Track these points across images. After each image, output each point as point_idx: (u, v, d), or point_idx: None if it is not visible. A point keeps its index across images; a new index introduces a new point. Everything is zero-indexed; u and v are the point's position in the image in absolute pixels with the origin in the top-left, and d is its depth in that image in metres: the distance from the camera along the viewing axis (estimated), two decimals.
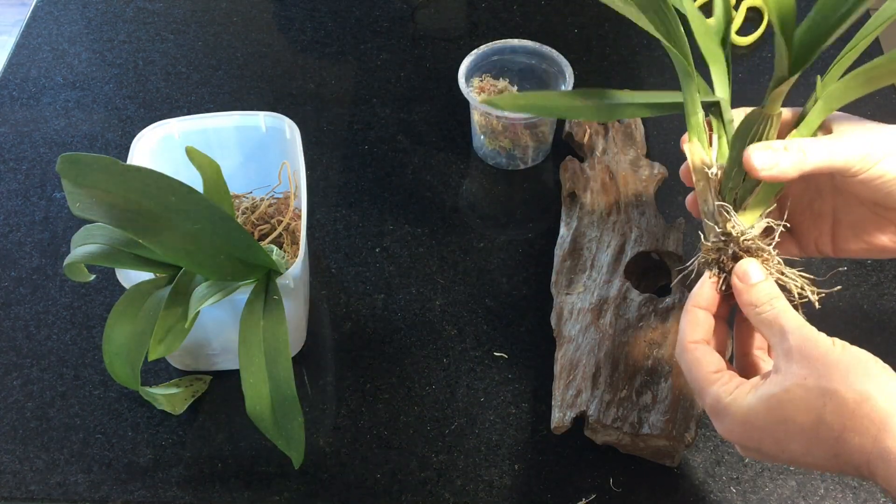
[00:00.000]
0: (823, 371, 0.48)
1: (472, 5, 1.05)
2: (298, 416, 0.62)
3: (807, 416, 0.48)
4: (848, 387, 0.47)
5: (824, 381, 0.48)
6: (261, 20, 1.04)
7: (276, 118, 0.76)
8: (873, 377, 0.48)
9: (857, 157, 0.52)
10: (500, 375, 0.73)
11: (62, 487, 0.67)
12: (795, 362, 0.49)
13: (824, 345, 0.49)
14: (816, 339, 0.49)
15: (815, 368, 0.48)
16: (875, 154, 0.52)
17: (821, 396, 0.48)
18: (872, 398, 0.47)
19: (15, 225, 0.84)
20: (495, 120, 0.84)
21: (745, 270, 0.54)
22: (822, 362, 0.48)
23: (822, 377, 0.48)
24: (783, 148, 0.53)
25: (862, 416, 0.47)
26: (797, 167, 0.52)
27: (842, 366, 0.48)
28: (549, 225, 0.83)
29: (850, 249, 0.59)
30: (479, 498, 0.66)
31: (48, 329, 0.77)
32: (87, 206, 0.59)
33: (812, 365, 0.48)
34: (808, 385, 0.48)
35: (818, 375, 0.48)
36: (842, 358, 0.48)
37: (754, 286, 0.53)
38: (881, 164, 0.52)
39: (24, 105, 0.95)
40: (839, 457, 0.48)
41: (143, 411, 0.71)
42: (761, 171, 0.53)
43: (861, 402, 0.47)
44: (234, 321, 0.64)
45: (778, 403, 0.49)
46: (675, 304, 0.71)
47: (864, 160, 0.52)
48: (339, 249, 0.82)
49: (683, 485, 0.67)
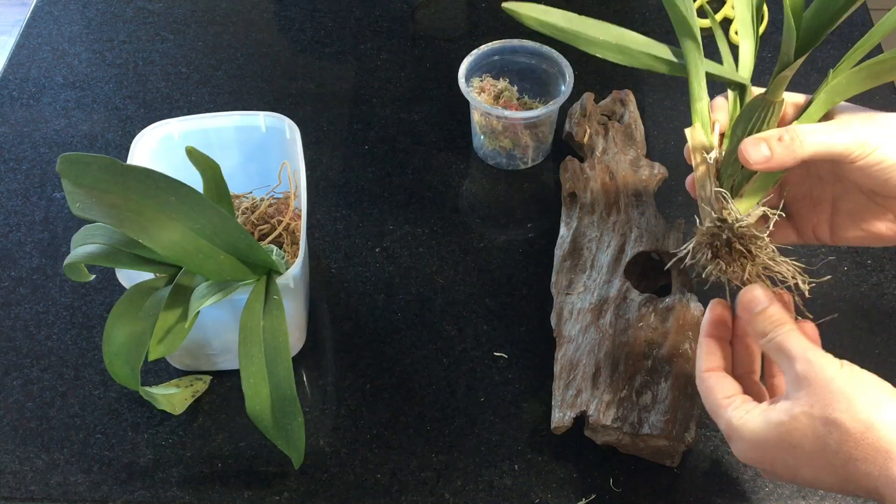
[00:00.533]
0: (828, 399, 0.48)
1: (472, 5, 1.05)
2: (298, 416, 0.62)
3: (813, 444, 0.49)
4: (852, 416, 0.48)
5: (829, 410, 0.48)
6: (261, 20, 1.04)
7: (276, 118, 0.76)
8: (878, 405, 0.48)
9: (857, 143, 0.52)
10: (500, 375, 0.73)
11: (62, 487, 0.67)
12: (802, 389, 0.50)
13: (830, 371, 0.49)
14: (822, 364, 0.50)
15: (821, 397, 0.49)
16: (874, 141, 0.52)
17: (825, 425, 0.48)
18: (876, 427, 0.47)
19: (15, 225, 0.84)
20: (495, 120, 0.84)
21: (749, 299, 0.54)
22: (828, 390, 0.49)
23: (827, 406, 0.48)
24: (777, 138, 0.53)
25: (867, 445, 0.47)
26: (793, 155, 0.53)
27: (846, 393, 0.48)
28: (549, 225, 0.83)
29: (847, 237, 0.59)
30: (479, 498, 0.66)
31: (48, 329, 0.76)
32: (87, 206, 0.59)
33: (817, 393, 0.49)
34: (813, 413, 0.49)
35: (823, 404, 0.48)
36: (847, 384, 0.49)
37: (760, 314, 0.53)
38: (880, 151, 0.52)
39: (24, 105, 0.95)
40: (848, 482, 0.49)
41: (143, 411, 0.71)
42: (755, 165, 0.53)
43: (865, 431, 0.47)
44: (234, 321, 0.64)
45: (786, 431, 0.50)
46: (675, 304, 0.70)
47: (863, 146, 0.52)
48: (339, 249, 0.82)
49: (683, 485, 0.67)
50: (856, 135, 0.52)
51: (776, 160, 0.53)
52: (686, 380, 0.66)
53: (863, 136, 0.52)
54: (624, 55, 0.56)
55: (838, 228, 0.59)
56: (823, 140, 0.52)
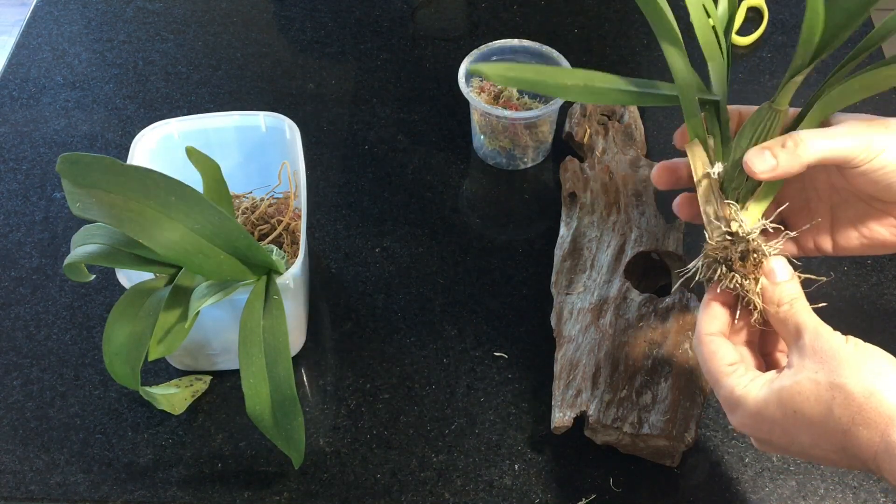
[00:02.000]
0: (834, 365, 0.49)
1: (472, 5, 1.05)
2: (298, 416, 0.62)
3: (816, 407, 0.50)
4: (857, 381, 0.48)
5: (834, 376, 0.49)
6: (261, 20, 1.04)
7: (276, 118, 0.76)
8: (883, 373, 0.49)
9: (860, 147, 0.52)
10: (500, 375, 0.73)
11: (62, 487, 0.67)
12: (808, 357, 0.51)
13: (837, 341, 0.50)
14: (830, 336, 0.51)
15: (826, 363, 0.50)
16: (877, 145, 0.52)
17: (830, 389, 0.49)
18: (880, 393, 0.48)
19: (15, 225, 0.84)
20: (495, 120, 0.84)
21: (771, 268, 0.54)
22: (833, 357, 0.50)
23: (833, 371, 0.49)
24: (781, 145, 0.53)
25: (870, 409, 0.48)
26: (798, 161, 0.52)
27: (852, 361, 0.49)
28: (549, 225, 0.83)
29: (850, 247, 0.59)
30: (479, 498, 0.67)
31: (48, 329, 0.77)
32: (87, 206, 0.59)
33: (823, 360, 0.50)
34: (818, 379, 0.49)
35: (828, 370, 0.49)
36: (853, 354, 0.50)
37: (778, 285, 0.54)
38: (884, 155, 0.52)
39: (24, 105, 0.95)
40: (846, 450, 0.50)
41: (143, 411, 0.71)
42: (761, 174, 0.53)
43: (869, 396, 0.48)
44: (234, 321, 0.64)
45: (788, 395, 0.50)
46: (675, 304, 0.71)
47: (867, 151, 0.52)
48: (339, 249, 0.82)
49: (683, 485, 0.67)
50: (859, 139, 0.52)
51: (782, 168, 0.53)
52: (686, 380, 0.66)
53: (866, 140, 0.52)
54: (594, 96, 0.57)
55: (840, 238, 0.59)
56: (827, 145, 0.52)
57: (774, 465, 0.68)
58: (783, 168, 0.53)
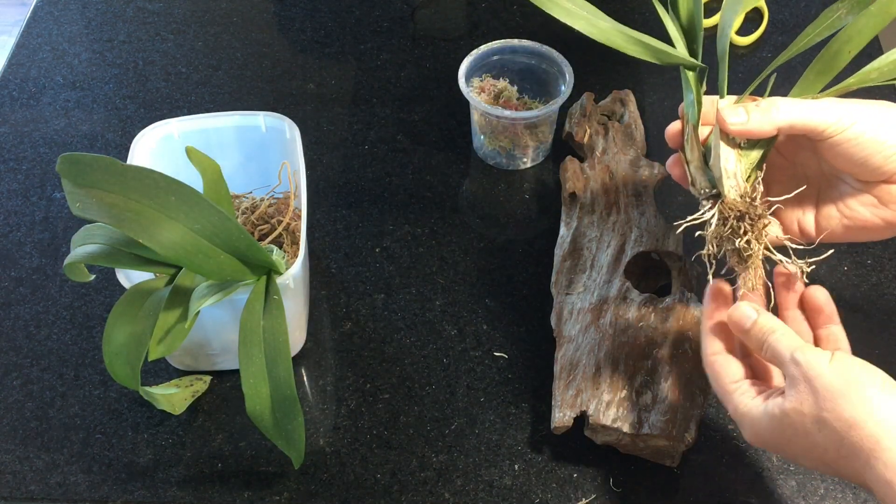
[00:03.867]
0: (815, 398, 0.50)
1: (472, 5, 1.05)
2: (298, 416, 0.62)
3: (805, 439, 0.51)
4: (837, 415, 0.49)
5: (816, 409, 0.50)
6: (261, 20, 1.04)
7: (276, 118, 0.76)
8: (864, 401, 0.49)
9: (831, 119, 0.54)
10: (500, 375, 0.73)
11: (62, 487, 0.67)
12: (795, 386, 0.51)
13: (817, 369, 0.50)
14: (810, 362, 0.51)
15: (809, 395, 0.50)
16: (848, 117, 0.54)
17: (815, 423, 0.50)
18: (860, 425, 0.48)
19: (15, 225, 0.84)
20: (495, 120, 0.84)
21: (738, 317, 0.56)
22: (815, 387, 0.50)
23: (815, 405, 0.50)
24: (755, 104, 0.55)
25: (851, 443, 0.49)
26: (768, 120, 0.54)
27: (833, 391, 0.50)
28: (549, 225, 0.83)
29: (831, 226, 0.60)
30: (479, 498, 0.66)
31: (48, 329, 0.77)
32: (87, 206, 0.59)
33: (807, 391, 0.50)
34: (803, 411, 0.50)
35: (811, 403, 0.50)
36: (833, 382, 0.50)
37: (751, 329, 0.55)
38: (855, 127, 0.54)
39: (24, 105, 0.95)
40: (841, 474, 0.51)
41: (143, 411, 0.71)
42: (731, 127, 0.55)
43: (849, 430, 0.49)
44: (234, 321, 0.64)
45: (779, 425, 0.52)
46: (675, 304, 0.70)
47: (838, 122, 0.54)
48: (339, 249, 0.82)
49: (683, 485, 0.67)
50: (832, 111, 0.54)
51: (752, 125, 0.55)
52: (686, 380, 0.66)
53: (838, 112, 0.54)
54: (594, 28, 0.57)
55: (822, 219, 0.60)
56: (799, 112, 0.54)
57: (774, 465, 0.68)
58: (753, 125, 0.55)
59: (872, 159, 0.54)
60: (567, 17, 0.57)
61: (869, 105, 0.55)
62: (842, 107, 0.54)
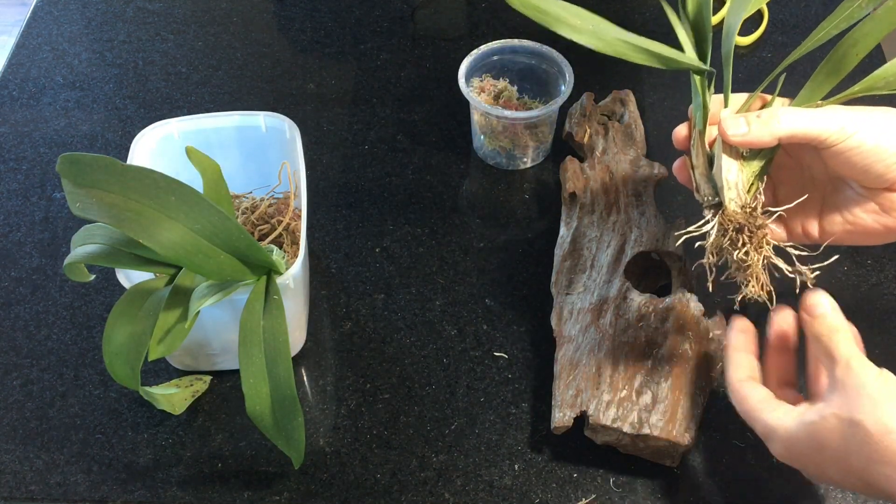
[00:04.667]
0: (857, 402, 0.50)
1: (472, 5, 1.05)
2: (298, 416, 0.62)
3: (839, 443, 0.50)
4: (875, 419, 0.49)
5: (854, 412, 0.50)
6: (261, 20, 1.04)
7: (276, 118, 0.76)
8: None
9: (833, 127, 0.54)
10: (500, 375, 0.73)
11: (62, 487, 0.67)
12: (837, 391, 0.51)
13: (866, 376, 0.51)
14: (860, 370, 0.51)
15: (850, 399, 0.50)
16: (850, 126, 0.54)
17: (850, 427, 0.50)
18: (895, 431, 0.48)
19: (15, 225, 0.84)
20: (495, 120, 0.84)
21: (813, 302, 0.56)
22: (858, 393, 0.50)
23: (854, 408, 0.50)
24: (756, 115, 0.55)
25: (884, 448, 0.49)
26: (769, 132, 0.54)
27: (875, 397, 0.50)
28: (549, 225, 0.83)
29: (835, 232, 0.60)
30: (479, 498, 0.67)
31: (48, 329, 0.77)
32: (87, 206, 0.59)
33: (849, 395, 0.50)
34: (841, 415, 0.50)
35: (851, 406, 0.50)
36: (878, 389, 0.50)
37: (819, 318, 0.55)
38: (857, 136, 0.54)
39: (24, 105, 0.95)
40: (871, 485, 0.51)
41: (143, 411, 0.71)
42: (732, 138, 0.55)
43: (885, 434, 0.49)
44: (234, 321, 0.64)
45: (815, 430, 0.51)
46: (675, 304, 0.70)
47: (840, 131, 0.54)
48: (339, 249, 0.82)
49: (683, 485, 0.67)
50: (834, 120, 0.54)
51: (752, 136, 0.55)
52: (686, 380, 0.66)
53: (840, 120, 0.54)
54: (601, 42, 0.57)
55: (826, 224, 0.60)
56: (801, 122, 0.54)
57: (774, 466, 0.68)
58: (754, 136, 0.54)
59: (874, 167, 0.54)
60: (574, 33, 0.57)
61: (871, 113, 0.55)
62: (844, 115, 0.54)
